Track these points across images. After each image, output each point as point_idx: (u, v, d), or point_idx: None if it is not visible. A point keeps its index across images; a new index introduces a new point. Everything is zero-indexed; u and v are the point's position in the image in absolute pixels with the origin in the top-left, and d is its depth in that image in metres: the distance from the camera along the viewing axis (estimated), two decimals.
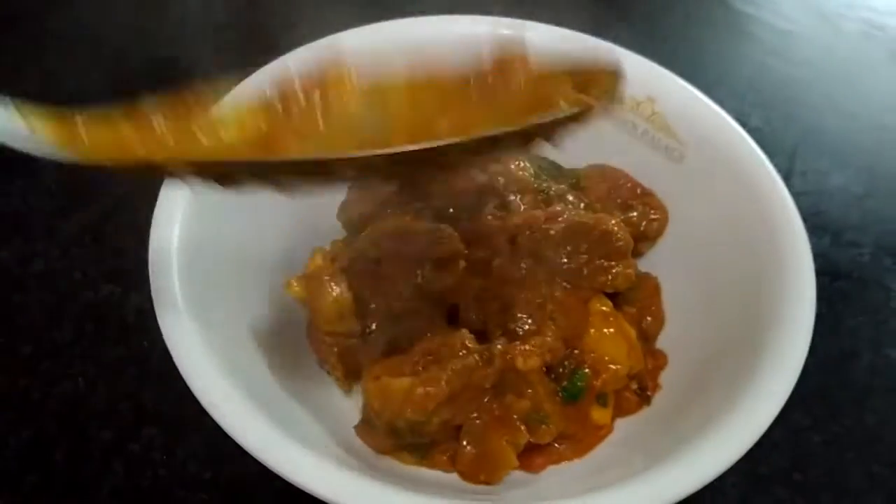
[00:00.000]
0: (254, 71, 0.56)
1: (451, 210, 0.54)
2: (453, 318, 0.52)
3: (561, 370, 0.50)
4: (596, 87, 0.42)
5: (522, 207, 0.54)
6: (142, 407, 0.55)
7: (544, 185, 0.56)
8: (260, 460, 0.40)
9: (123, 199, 0.66)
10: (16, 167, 0.68)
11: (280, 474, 0.40)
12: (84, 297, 0.60)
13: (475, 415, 0.48)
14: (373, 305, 0.51)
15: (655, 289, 0.58)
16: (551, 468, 0.50)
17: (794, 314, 0.47)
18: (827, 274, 0.66)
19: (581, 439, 0.51)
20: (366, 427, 0.49)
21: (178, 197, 0.49)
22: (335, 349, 0.51)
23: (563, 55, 0.42)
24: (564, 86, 0.41)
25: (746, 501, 0.54)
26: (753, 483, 0.54)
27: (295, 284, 0.51)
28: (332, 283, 0.50)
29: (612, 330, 0.52)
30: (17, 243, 0.63)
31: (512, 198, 0.55)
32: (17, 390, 0.56)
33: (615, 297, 0.54)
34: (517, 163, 0.57)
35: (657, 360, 0.55)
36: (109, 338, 0.58)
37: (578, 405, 0.50)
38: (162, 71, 0.75)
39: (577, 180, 0.59)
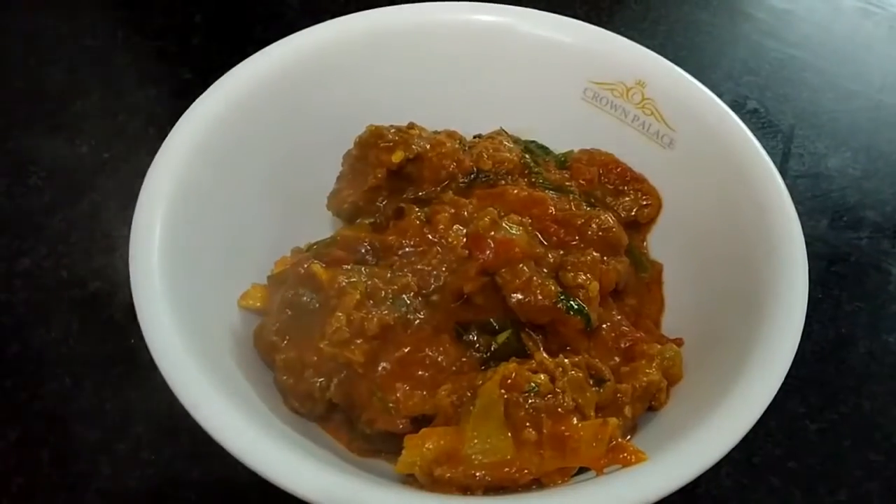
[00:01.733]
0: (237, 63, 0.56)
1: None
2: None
3: None
4: None
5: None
6: (129, 406, 0.55)
7: (535, 168, 0.55)
8: (245, 464, 0.39)
9: (111, 195, 0.65)
10: (1, 165, 0.67)
11: (266, 477, 0.39)
12: (71, 295, 0.60)
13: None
14: None
15: (658, 275, 0.57)
16: None
17: (785, 303, 0.47)
18: (824, 258, 0.65)
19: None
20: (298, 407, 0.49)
21: (159, 195, 0.49)
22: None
23: None
24: None
25: (741, 490, 0.53)
26: (748, 472, 0.54)
27: (249, 298, 0.50)
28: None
29: None
30: (3, 241, 0.63)
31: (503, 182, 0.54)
32: (3, 390, 0.55)
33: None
34: (504, 143, 0.56)
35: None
36: (97, 336, 0.58)
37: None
38: None
39: (564, 160, 0.59)
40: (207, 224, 0.51)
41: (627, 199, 0.58)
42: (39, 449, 0.53)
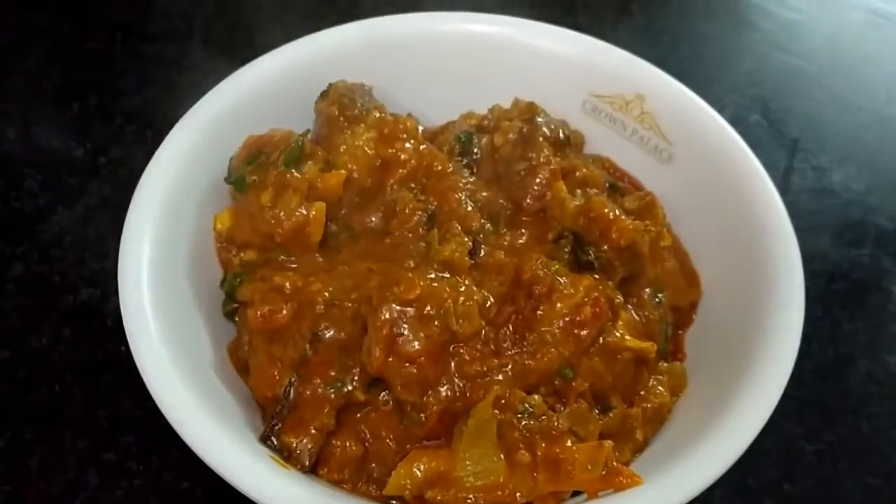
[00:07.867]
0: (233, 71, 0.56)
1: None
2: None
3: None
4: None
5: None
6: (119, 415, 0.54)
7: None
8: (230, 482, 0.40)
9: (104, 200, 0.65)
10: None
11: (250, 497, 0.40)
12: (63, 302, 0.59)
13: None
14: None
15: None
16: None
17: (781, 323, 0.46)
18: (824, 275, 0.64)
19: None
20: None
21: (152, 202, 0.49)
22: None
23: None
24: None
25: None
26: (742, 495, 0.53)
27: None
28: None
29: None
30: None
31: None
32: None
33: None
34: None
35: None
36: (88, 343, 0.57)
37: None
38: None
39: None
40: (200, 232, 0.51)
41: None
42: (28, 457, 0.52)
